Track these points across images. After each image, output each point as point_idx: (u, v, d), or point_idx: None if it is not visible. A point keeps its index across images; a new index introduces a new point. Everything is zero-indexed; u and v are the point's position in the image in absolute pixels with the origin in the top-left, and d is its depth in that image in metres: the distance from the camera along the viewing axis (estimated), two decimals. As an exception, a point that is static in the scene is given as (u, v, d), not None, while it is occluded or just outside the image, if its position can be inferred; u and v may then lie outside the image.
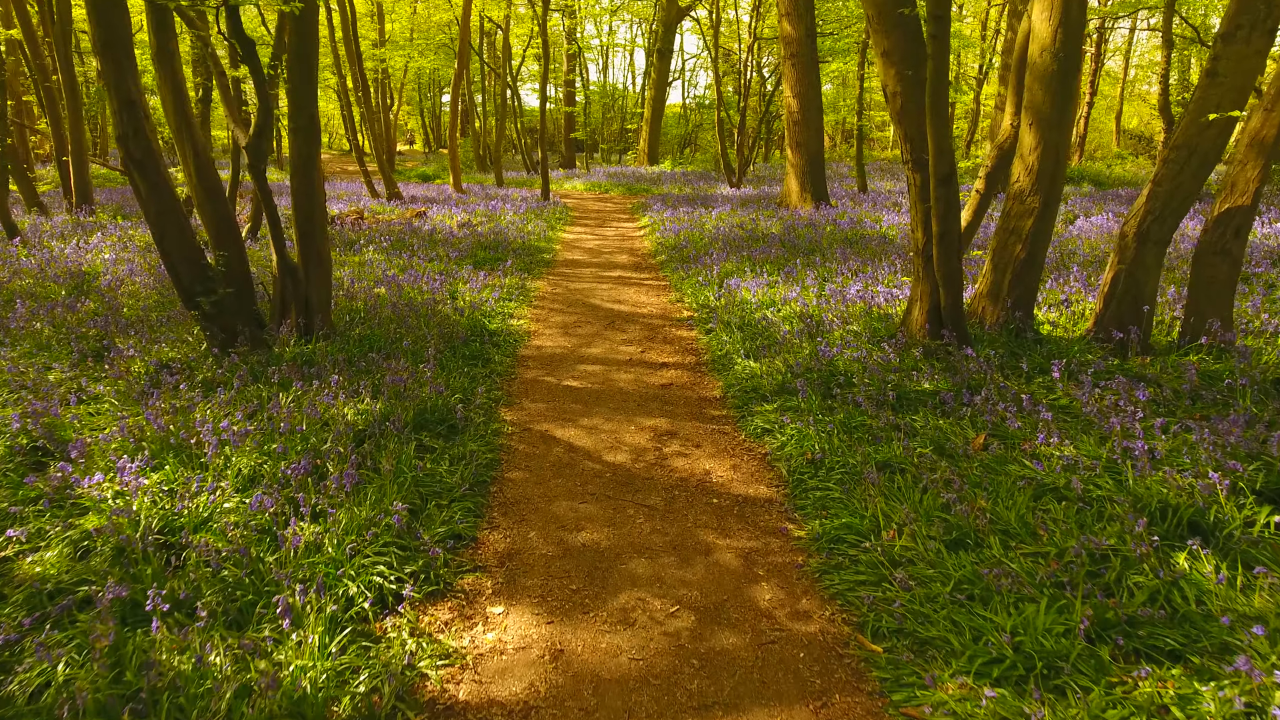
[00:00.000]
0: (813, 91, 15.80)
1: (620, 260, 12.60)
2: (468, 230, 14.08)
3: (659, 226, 15.24)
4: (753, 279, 9.67)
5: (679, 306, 9.31)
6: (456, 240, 12.91)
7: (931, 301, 6.35)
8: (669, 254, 12.48)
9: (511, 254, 12.29)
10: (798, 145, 15.94)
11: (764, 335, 7.31)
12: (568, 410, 5.95)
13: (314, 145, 6.74)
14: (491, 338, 7.63)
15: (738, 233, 13.36)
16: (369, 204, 18.15)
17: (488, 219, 16.02)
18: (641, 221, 17.17)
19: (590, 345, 7.73)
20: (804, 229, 13.15)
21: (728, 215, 15.69)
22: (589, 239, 14.99)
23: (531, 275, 11.14)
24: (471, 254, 12.01)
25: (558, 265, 12.16)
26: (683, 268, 10.98)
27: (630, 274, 11.42)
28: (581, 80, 32.73)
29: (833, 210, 15.16)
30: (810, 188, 15.94)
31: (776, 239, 12.37)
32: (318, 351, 6.34)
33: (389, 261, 10.89)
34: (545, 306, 9.33)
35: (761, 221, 14.44)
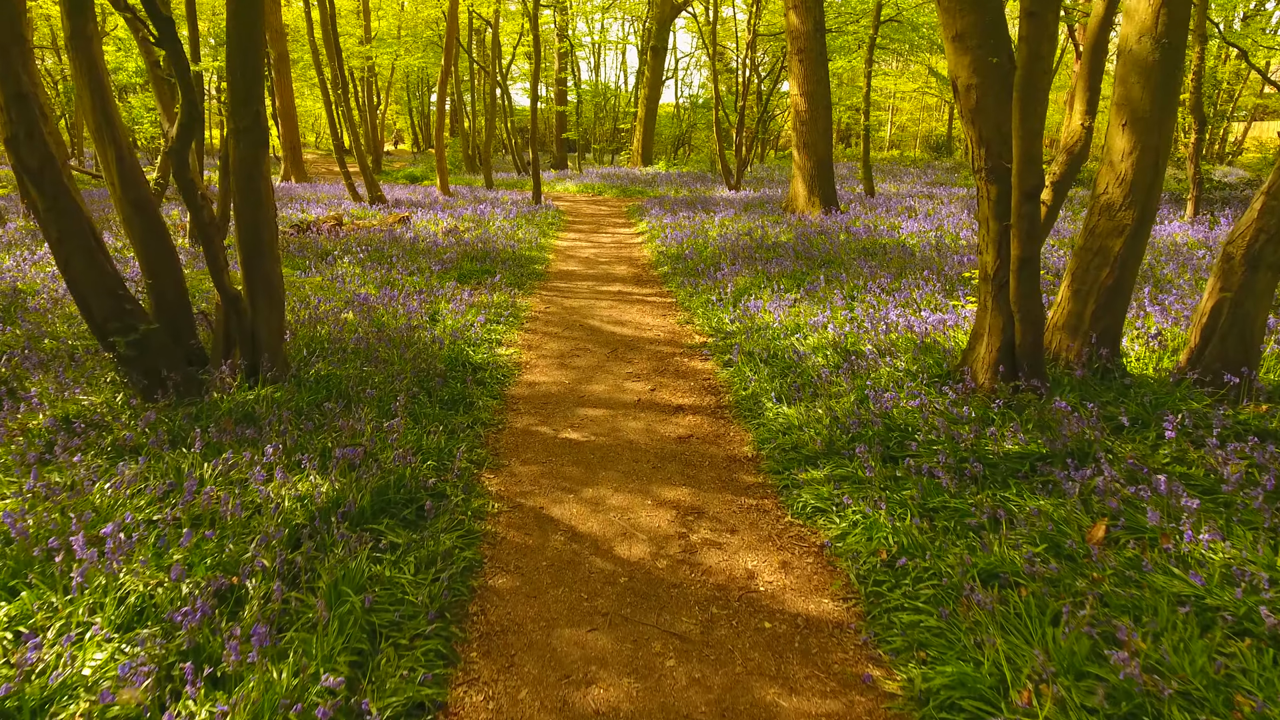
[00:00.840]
0: (821, 89, 14.65)
1: (619, 272, 11.42)
2: (453, 238, 12.87)
3: (659, 234, 14.06)
4: (771, 297, 8.52)
5: (689, 330, 8.14)
6: (440, 250, 11.70)
7: (1004, 337, 5.21)
8: (672, 265, 11.31)
9: (500, 265, 11.10)
10: (805, 146, 14.80)
11: (795, 370, 6.15)
12: (567, 476, 4.78)
13: (260, 149, 5.52)
14: (476, 374, 6.44)
15: (745, 241, 12.20)
16: (350, 208, 16.89)
17: (475, 225, 14.81)
18: (639, 227, 15.99)
19: (591, 381, 6.55)
20: (817, 237, 12.01)
21: (731, 221, 14.53)
22: (584, 247, 13.80)
23: (522, 290, 9.95)
24: (456, 266, 10.80)
25: (551, 278, 10.97)
26: (689, 282, 9.81)
27: (631, 288, 10.24)
28: (573, 79, 31.49)
29: (844, 216, 14.02)
30: (818, 192, 14.80)
31: (789, 249, 11.22)
32: (261, 401, 5.13)
33: (364, 276, 9.68)
34: (538, 330, 8.14)
35: (769, 228, 13.29)
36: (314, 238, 12.56)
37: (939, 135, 32.48)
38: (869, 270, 9.45)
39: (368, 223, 14.77)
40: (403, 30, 33.78)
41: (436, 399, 5.71)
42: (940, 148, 31.13)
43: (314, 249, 11.40)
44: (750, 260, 10.71)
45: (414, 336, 6.95)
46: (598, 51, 38.29)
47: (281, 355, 5.68)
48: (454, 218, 15.64)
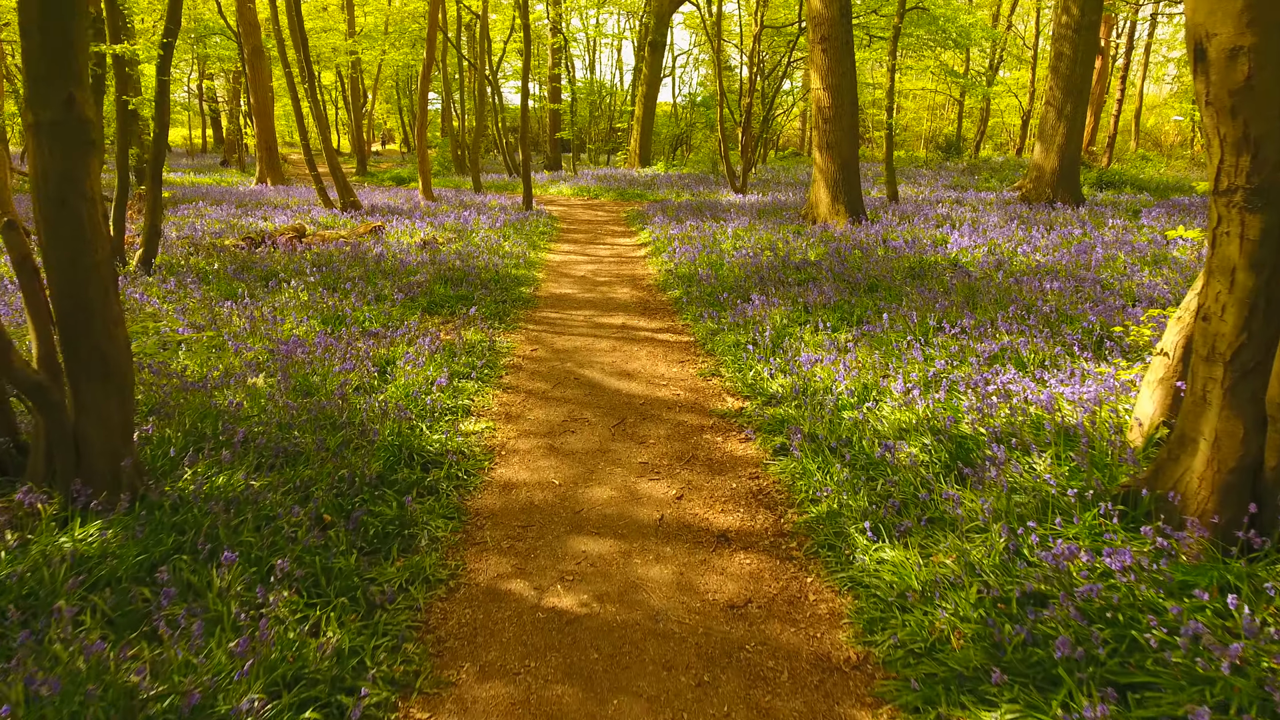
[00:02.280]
0: (847, 83, 12.65)
1: (621, 296, 9.39)
2: (428, 253, 10.82)
3: (664, 246, 12.03)
4: (817, 339, 6.52)
5: (716, 386, 6.12)
6: (409, 269, 9.65)
7: (1245, 454, 3.21)
8: (684, 288, 9.29)
9: (480, 289, 9.06)
10: (828, 147, 12.78)
11: (884, 470, 4.16)
12: (557, 704, 2.77)
13: (80, 153, 3.46)
14: (427, 472, 4.42)
15: (766, 257, 10.19)
16: (319, 215, 14.80)
17: (456, 236, 12.75)
18: (641, 237, 13.95)
19: (591, 479, 4.53)
20: (852, 253, 10.01)
21: (746, 232, 12.51)
22: (579, 262, 11.77)
23: (505, 324, 7.91)
24: (427, 291, 8.76)
25: (541, 305, 8.93)
26: (708, 314, 7.79)
27: (637, 320, 8.21)
28: (567, 75, 29.41)
29: (874, 227, 12.02)
30: (843, 198, 12.80)
31: (823, 269, 9.21)
32: (52, 562, 3.09)
33: (310, 306, 7.63)
34: (520, 386, 6.11)
35: (791, 241, 11.29)
36: (265, 254, 10.49)
37: (946, 135, 30.53)
38: (932, 301, 7.46)
39: (334, 233, 12.70)
40: (390, 25, 31.61)
41: (360, 532, 3.68)
42: (949, 148, 29.19)
43: (259, 270, 9.33)
44: (780, 284, 8.70)
45: (350, 407, 4.92)
46: (593, 48, 36.22)
47: (118, 470, 3.63)
48: (434, 227, 13.59)
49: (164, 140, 9.29)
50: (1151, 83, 35.49)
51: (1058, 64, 15.21)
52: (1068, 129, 15.14)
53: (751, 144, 20.69)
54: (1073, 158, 15.35)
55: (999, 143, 35.65)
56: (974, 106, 31.08)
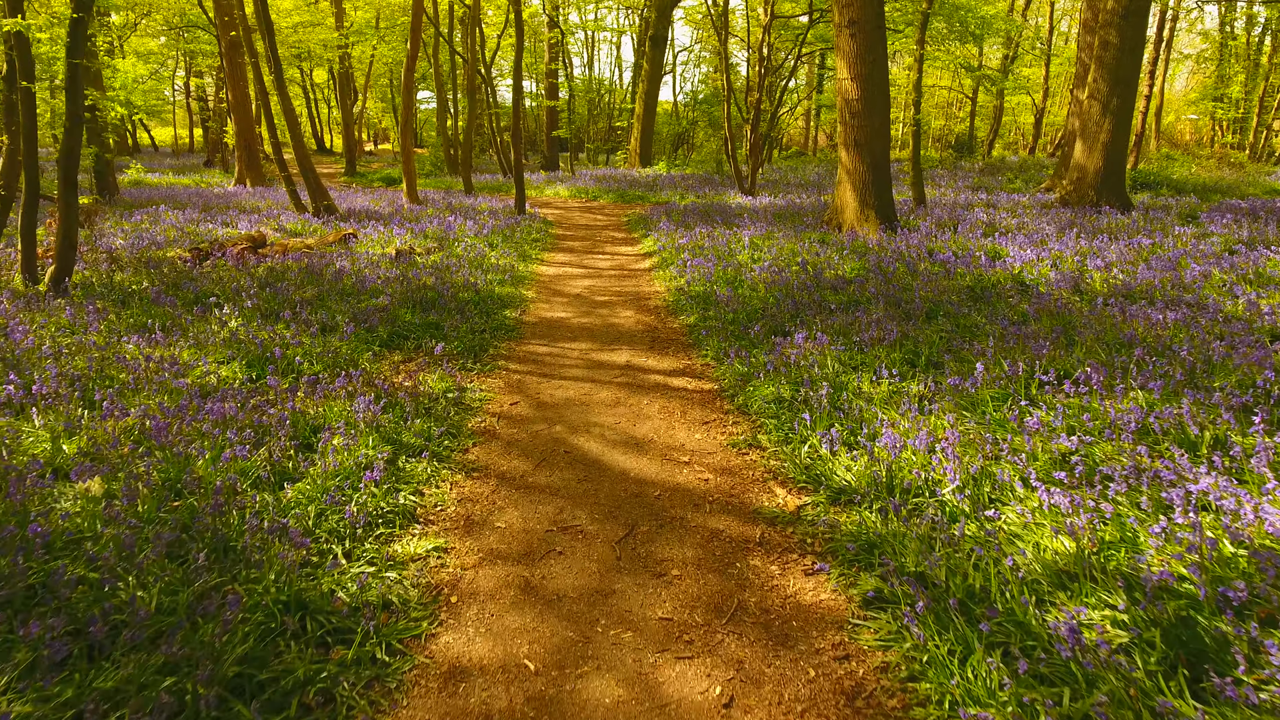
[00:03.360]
0: (878, 73, 10.92)
1: (624, 322, 7.67)
2: (401, 267, 9.11)
3: (672, 257, 10.33)
4: (881, 392, 4.83)
5: (757, 464, 4.40)
6: (373, 289, 7.93)
7: None
8: (699, 312, 7.59)
9: (455, 314, 7.34)
10: (856, 145, 11.06)
11: (1056, 662, 2.48)
12: None
13: None
14: (326, 655, 2.73)
15: (793, 273, 8.49)
16: (289, 221, 13.07)
17: (438, 245, 11.04)
18: (645, 245, 12.24)
19: (584, 665, 2.80)
20: (894, 268, 8.31)
21: (764, 240, 10.81)
22: (576, 275, 10.05)
23: (480, 364, 6.20)
24: (389, 318, 7.04)
25: (526, 335, 7.21)
26: (734, 349, 6.06)
27: (646, 357, 6.49)
28: (565, 72, 27.62)
29: (911, 235, 10.32)
30: (874, 202, 11.08)
31: (868, 290, 7.51)
32: None
33: (232, 344, 5.92)
34: (491, 468, 4.39)
35: (819, 252, 9.59)
36: (209, 269, 8.77)
37: (958, 134, 28.82)
38: (1016, 335, 5.75)
39: (299, 242, 10.97)
40: (381, 20, 29.82)
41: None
42: (962, 147, 27.46)
43: (190, 291, 7.60)
44: (817, 309, 7.00)
45: (229, 524, 3.23)
46: (591, 44, 34.41)
47: None
48: (413, 234, 11.86)
49: (77, 137, 7.55)
50: (1165, 81, 33.80)
51: (1103, 53, 13.49)
52: (1114, 125, 13.42)
53: (760, 143, 18.96)
54: (1118, 157, 13.64)
55: (1007, 142, 33.92)
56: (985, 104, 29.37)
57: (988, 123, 28.90)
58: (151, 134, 34.76)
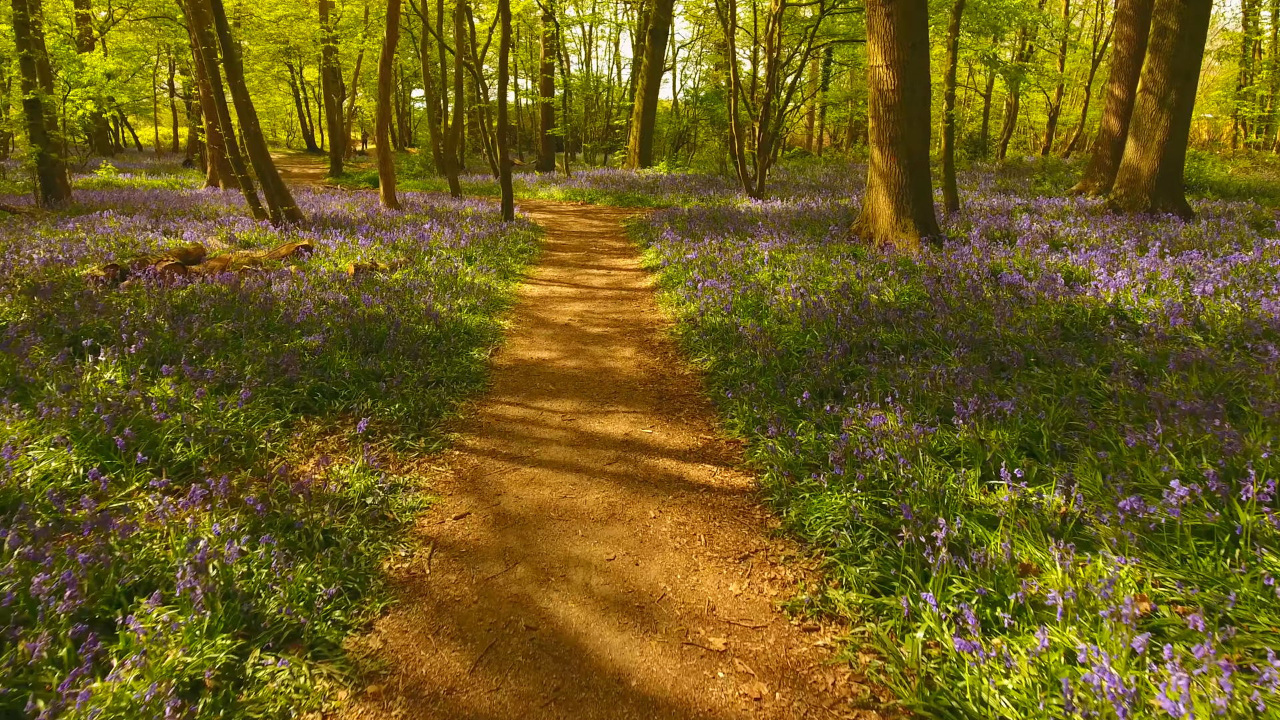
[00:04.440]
0: (918, 59, 9.15)
1: (623, 367, 5.89)
2: (351, 290, 7.34)
3: (679, 274, 8.56)
4: (993, 498, 3.08)
5: (836, 661, 2.61)
6: (309, 321, 6.16)
7: None
8: (717, 354, 5.82)
9: (406, 357, 5.58)
10: (891, 143, 9.29)
11: None
12: None
13: None
14: None
15: (830, 299, 6.73)
16: (243, 229, 11.27)
17: (407, 259, 9.26)
18: (646, 257, 10.46)
19: None
20: (948, 292, 6.54)
21: (785, 254, 9.05)
22: (565, 298, 8.27)
23: (425, 441, 4.40)
24: (318, 366, 5.28)
25: (495, 392, 5.41)
26: (775, 420, 4.30)
27: (652, 428, 4.70)
28: (561, 68, 25.78)
29: (958, 249, 8.55)
30: (913, 211, 9.31)
31: (932, 323, 5.74)
32: None
33: (86, 412, 4.15)
34: (398, 674, 2.61)
35: (852, 269, 7.82)
36: (121, 292, 7.00)
37: (970, 133, 27.02)
38: (1164, 405, 4.00)
39: (245, 256, 9.17)
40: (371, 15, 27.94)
41: None
42: (976, 147, 25.67)
43: (65, 328, 5.81)
44: (874, 352, 5.23)
45: None
46: (588, 41, 32.51)
47: None
48: (382, 245, 10.08)
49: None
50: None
51: (1160, 41, 11.72)
52: (1171, 121, 11.66)
53: (769, 142, 17.17)
54: (1175, 157, 11.88)
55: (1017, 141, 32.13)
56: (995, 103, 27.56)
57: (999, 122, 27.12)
58: (135, 133, 32.89)
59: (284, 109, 40.30)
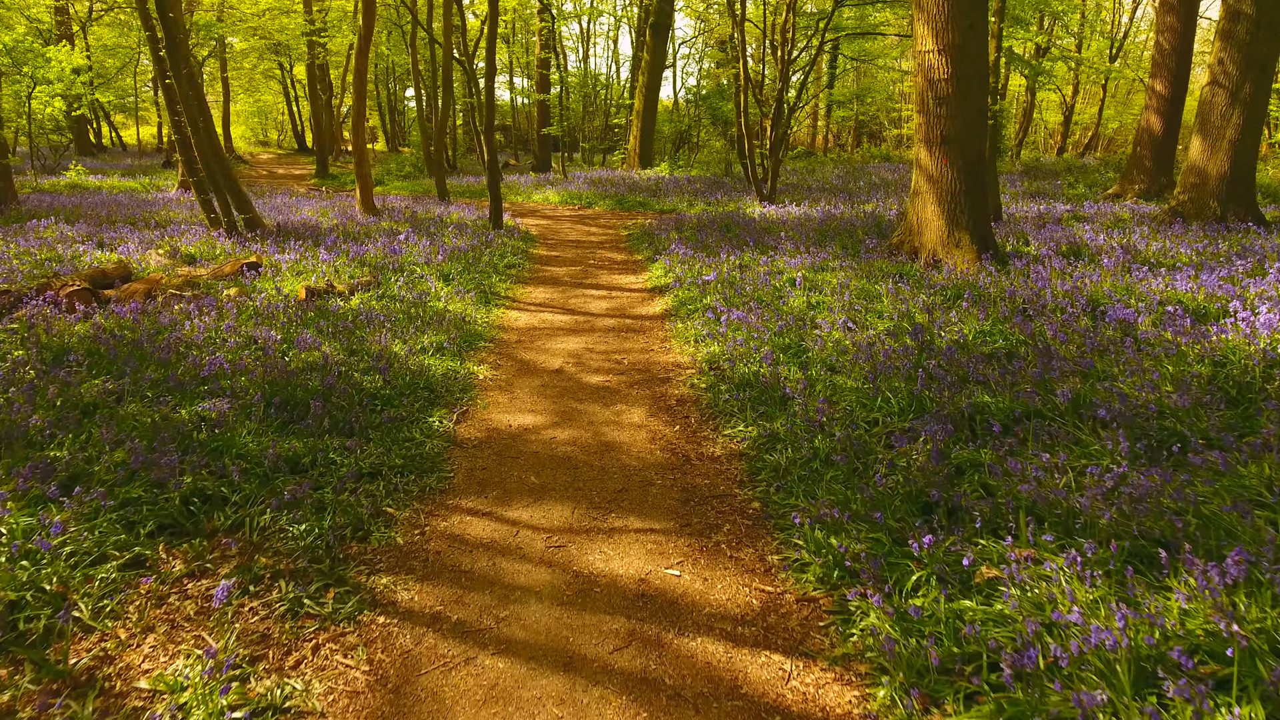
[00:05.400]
0: (975, 44, 7.56)
1: (631, 443, 4.29)
2: (298, 318, 5.75)
3: (695, 303, 6.96)
4: None
5: None
6: (220, 375, 4.57)
7: None
8: (756, 423, 4.23)
9: (336, 433, 3.99)
10: (944, 143, 7.71)
11: None
12: None
13: None
14: None
15: (888, 336, 5.17)
16: (195, 240, 9.65)
17: (372, 277, 7.65)
18: (652, 274, 8.88)
19: None
20: (1052, 331, 4.96)
21: (817, 273, 7.48)
22: (557, 330, 6.67)
23: (341, 575, 2.85)
24: (220, 442, 3.69)
25: (456, 488, 3.78)
26: (861, 548, 2.77)
27: (681, 567, 3.13)
28: (558, 64, 24.13)
29: (1033, 267, 6.97)
30: (968, 222, 7.73)
31: (1045, 384, 4.16)
32: None
33: None
34: None
35: (907, 296, 6.25)
36: (4, 326, 5.40)
37: (983, 133, 25.47)
38: None
39: (182, 275, 7.57)
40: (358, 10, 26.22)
41: None
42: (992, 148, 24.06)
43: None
44: (984, 430, 3.65)
45: None
46: (586, 37, 30.81)
47: None
48: (348, 260, 8.48)
49: None
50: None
51: (1232, 27, 10.14)
52: (1245, 118, 10.09)
53: (780, 142, 15.58)
54: (1249, 158, 10.32)
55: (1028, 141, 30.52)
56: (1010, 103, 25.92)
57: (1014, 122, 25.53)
58: (119, 132, 31.11)
59: (275, 108, 38.54)
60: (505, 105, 34.41)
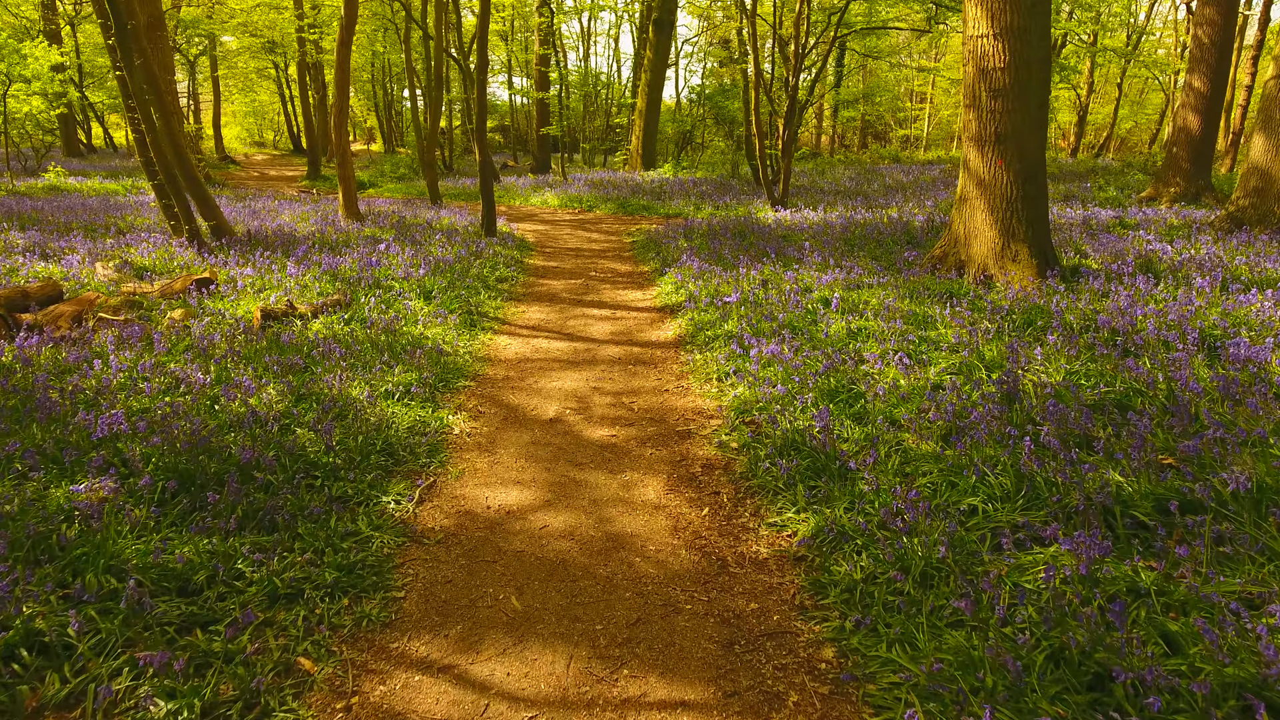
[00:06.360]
0: (1038, 22, 6.46)
1: (647, 529, 3.19)
2: (238, 352, 4.66)
3: (715, 330, 5.87)
4: None
5: None
6: (117, 436, 3.49)
7: None
8: (806, 501, 3.18)
9: (264, 527, 2.92)
10: (998, 141, 6.61)
11: None
12: None
13: None
14: None
15: (940, 371, 4.09)
16: (152, 250, 8.57)
17: (343, 295, 6.56)
18: (661, 289, 7.78)
19: None
20: (1159, 373, 3.88)
21: (852, 290, 6.39)
22: (554, 361, 5.58)
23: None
24: (87, 548, 2.60)
25: (406, 611, 2.70)
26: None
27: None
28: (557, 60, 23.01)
29: (1110, 288, 5.90)
30: (1026, 233, 6.63)
31: (1202, 465, 3.09)
32: None
33: None
34: None
35: (968, 322, 5.17)
36: None
37: (996, 133, 24.38)
38: None
39: (123, 295, 6.48)
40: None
41: None
42: (1005, 148, 22.97)
43: None
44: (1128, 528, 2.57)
45: None
46: (587, 35, 29.68)
47: None
48: (319, 273, 7.39)
49: None
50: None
51: None
52: (1314, 115, 9.02)
53: (792, 142, 14.48)
54: (1317, 160, 9.23)
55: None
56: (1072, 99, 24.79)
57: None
58: (110, 134, 29.98)
59: (271, 109, 37.41)
60: (503, 104, 33.30)
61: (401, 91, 35.51)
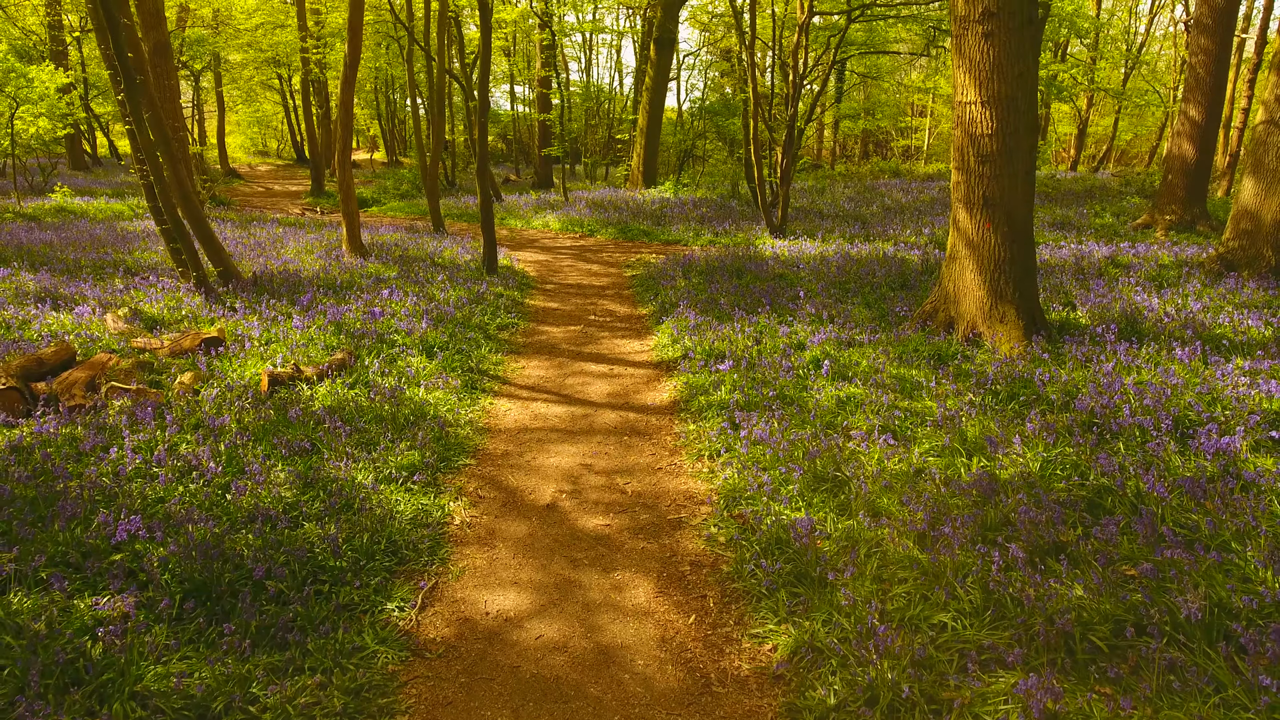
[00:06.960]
0: (1024, 92, 6.60)
1: (635, 639, 3.35)
2: (261, 410, 4.86)
3: (708, 395, 6.06)
4: None
5: None
6: (136, 540, 3.67)
7: None
8: (787, 611, 3.35)
9: (274, 644, 3.10)
10: (987, 205, 6.76)
11: None
12: None
13: None
14: None
15: (924, 452, 4.27)
16: (158, 297, 8.78)
17: (348, 354, 6.75)
18: (659, 340, 7.96)
19: None
20: (1141, 474, 4.05)
21: (844, 349, 6.57)
22: (551, 431, 5.76)
23: None
24: (110, 670, 2.81)
25: (418, 715, 2.98)
26: None
27: None
28: (558, 80, 23.18)
29: (1095, 355, 6.07)
30: (1014, 294, 6.79)
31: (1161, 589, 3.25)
32: None
33: None
34: None
35: (952, 395, 5.35)
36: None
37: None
38: None
39: (132, 357, 6.69)
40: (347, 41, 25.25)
41: None
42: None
43: None
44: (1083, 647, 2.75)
45: None
46: (589, 48, 29.85)
47: None
48: (324, 325, 7.59)
49: None
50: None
51: None
52: (1304, 158, 9.15)
53: (792, 166, 14.64)
54: (1307, 203, 9.37)
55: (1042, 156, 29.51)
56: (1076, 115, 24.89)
57: (1026, 134, 24.52)
58: (115, 144, 30.20)
59: (275, 117, 37.63)
60: (506, 115, 33.47)
61: (404, 101, 35.70)
